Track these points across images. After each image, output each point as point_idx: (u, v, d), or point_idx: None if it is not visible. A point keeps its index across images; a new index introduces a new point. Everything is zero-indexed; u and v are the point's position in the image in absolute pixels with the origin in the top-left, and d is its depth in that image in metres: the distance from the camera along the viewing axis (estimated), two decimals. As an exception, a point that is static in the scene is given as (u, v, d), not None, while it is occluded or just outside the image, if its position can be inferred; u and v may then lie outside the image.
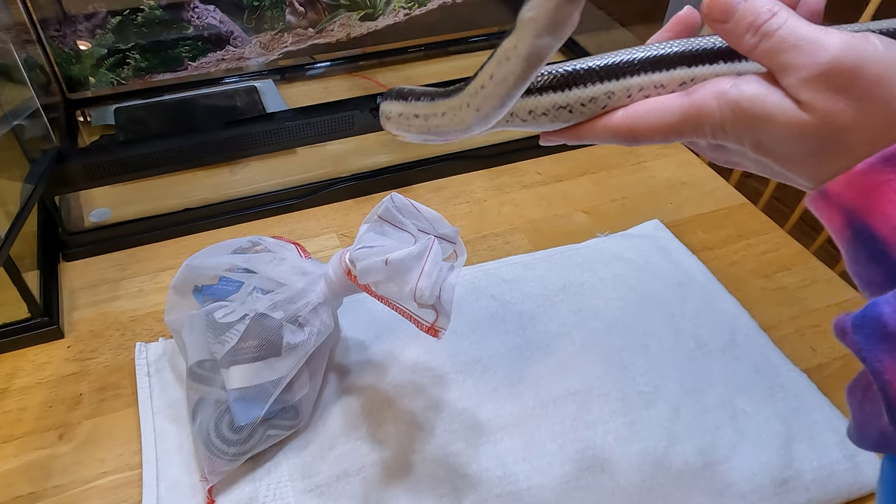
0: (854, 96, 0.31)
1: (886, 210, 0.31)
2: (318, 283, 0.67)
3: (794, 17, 0.33)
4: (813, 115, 0.32)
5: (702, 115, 0.35)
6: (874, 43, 0.31)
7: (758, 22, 0.34)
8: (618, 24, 1.24)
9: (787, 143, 0.33)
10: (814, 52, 0.32)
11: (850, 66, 0.31)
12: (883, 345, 0.30)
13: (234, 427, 0.63)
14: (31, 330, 0.77)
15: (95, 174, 0.85)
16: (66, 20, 1.00)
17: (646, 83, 0.38)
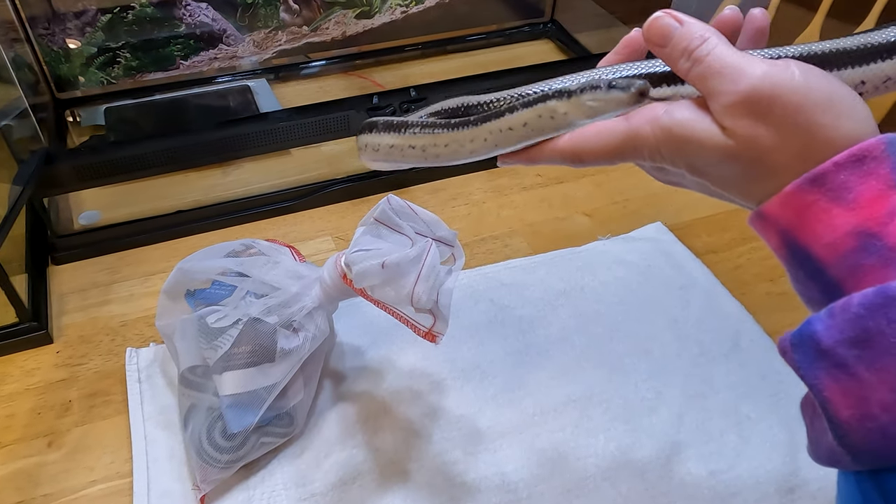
0: (772, 122, 0.33)
1: (817, 229, 0.33)
2: (313, 287, 0.66)
3: (724, 44, 0.35)
4: (736, 140, 0.34)
5: (638, 140, 0.37)
6: (793, 72, 0.33)
7: (690, 47, 0.35)
8: (620, 21, 1.23)
9: (717, 167, 0.35)
10: (735, 80, 0.34)
11: (768, 94, 0.33)
12: (819, 362, 0.32)
13: (227, 434, 0.62)
14: (20, 335, 0.76)
15: (85, 175, 0.84)
16: (55, 18, 0.99)
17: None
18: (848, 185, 0.32)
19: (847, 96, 0.34)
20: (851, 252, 0.32)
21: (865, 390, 0.31)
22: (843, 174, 0.32)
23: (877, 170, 0.32)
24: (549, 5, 1.36)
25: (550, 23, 1.38)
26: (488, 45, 1.33)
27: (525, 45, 1.36)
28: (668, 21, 0.36)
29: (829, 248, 0.33)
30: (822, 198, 0.33)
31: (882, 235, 0.32)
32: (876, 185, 0.32)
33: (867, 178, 0.32)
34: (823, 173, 0.33)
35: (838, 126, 0.33)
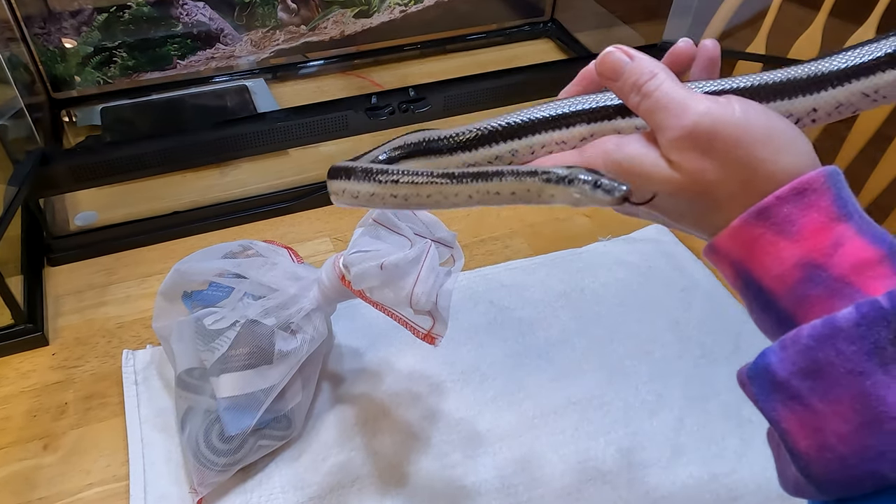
0: (715, 157, 0.34)
1: (766, 262, 0.34)
2: (311, 289, 0.65)
3: (671, 80, 0.36)
4: (682, 174, 0.35)
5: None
6: (733, 107, 0.34)
7: (639, 82, 0.36)
8: (620, 21, 1.23)
9: (667, 200, 0.37)
10: (679, 115, 0.35)
11: (708, 130, 0.34)
12: (775, 394, 0.33)
13: (225, 437, 0.61)
14: (15, 337, 0.76)
15: (81, 176, 0.83)
16: (50, 17, 0.98)
17: (547, 140, 0.41)
18: (791, 218, 0.33)
19: (786, 131, 0.35)
20: (799, 283, 0.33)
21: (821, 421, 0.31)
22: (786, 207, 0.33)
23: (818, 202, 0.33)
24: (549, 4, 1.36)
25: (550, 22, 1.37)
26: (488, 45, 1.33)
27: (525, 44, 1.36)
28: (620, 56, 0.37)
29: (777, 279, 0.34)
30: (767, 231, 0.34)
31: (827, 266, 0.32)
32: (818, 217, 0.33)
33: (809, 211, 0.33)
34: (767, 207, 0.34)
35: (777, 160, 0.34)
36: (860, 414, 0.30)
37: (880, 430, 0.30)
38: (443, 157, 0.44)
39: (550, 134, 0.41)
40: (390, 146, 0.46)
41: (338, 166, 0.43)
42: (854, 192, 0.35)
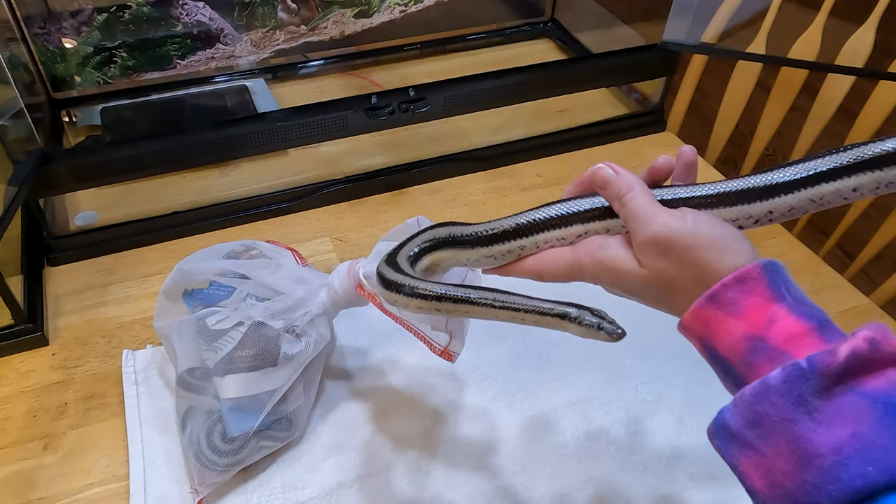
0: (672, 258, 0.43)
1: (720, 336, 0.41)
2: (319, 294, 0.66)
3: (643, 194, 0.45)
4: (649, 271, 0.44)
5: (581, 269, 0.48)
6: (686, 220, 0.43)
7: (620, 194, 0.46)
8: (620, 21, 1.23)
9: (641, 290, 0.46)
10: (645, 225, 0.44)
11: (666, 238, 0.43)
12: (732, 444, 0.39)
13: (227, 438, 0.62)
14: (15, 337, 0.76)
15: (81, 176, 0.83)
16: (50, 17, 0.98)
17: (549, 238, 0.50)
18: (736, 301, 0.41)
19: (726, 235, 0.43)
20: (746, 352, 0.40)
21: (768, 462, 0.37)
22: (730, 293, 0.41)
23: (755, 288, 0.41)
24: (549, 4, 1.36)
25: (550, 22, 1.37)
26: (488, 45, 1.33)
27: (525, 44, 1.35)
28: (608, 171, 0.47)
29: (730, 350, 0.41)
30: (718, 312, 0.41)
31: (766, 338, 0.40)
32: (756, 299, 0.41)
33: (749, 295, 0.41)
34: (716, 293, 0.42)
35: (720, 260, 0.42)
36: (795, 454, 0.36)
37: (812, 466, 0.36)
38: (465, 250, 0.52)
39: (552, 232, 0.50)
40: (421, 240, 0.54)
41: (389, 279, 0.50)
42: None
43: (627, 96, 1.19)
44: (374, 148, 1.04)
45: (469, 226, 0.53)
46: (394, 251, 0.53)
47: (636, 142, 1.11)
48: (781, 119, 1.14)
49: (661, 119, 1.13)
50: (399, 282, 0.49)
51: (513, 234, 0.50)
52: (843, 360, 0.37)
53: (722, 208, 0.47)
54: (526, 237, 0.50)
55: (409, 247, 0.53)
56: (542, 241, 0.50)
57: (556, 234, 0.50)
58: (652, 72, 1.09)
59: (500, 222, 0.51)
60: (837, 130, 1.08)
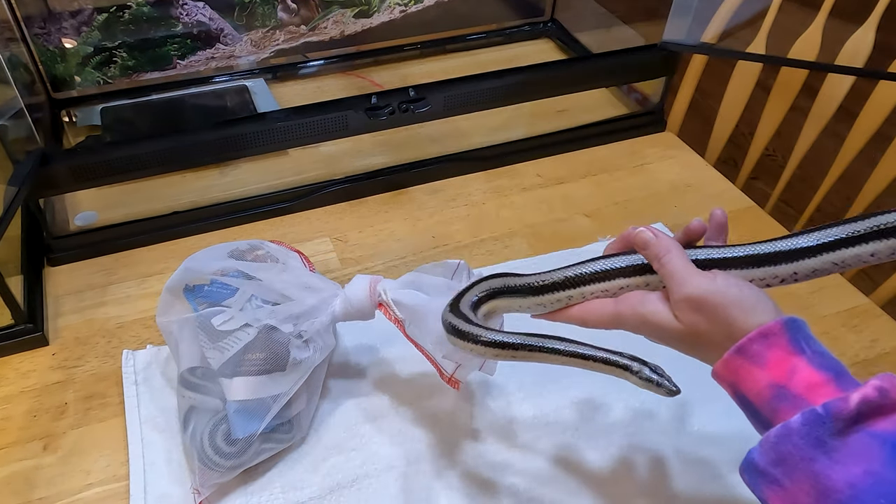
0: (704, 315, 0.49)
1: (748, 384, 0.47)
2: (331, 304, 0.66)
3: (679, 257, 0.51)
4: (684, 325, 0.50)
5: (622, 320, 0.54)
6: (717, 281, 0.49)
7: (659, 255, 0.52)
8: (621, 21, 1.23)
9: (677, 341, 0.52)
10: (681, 285, 0.50)
11: (698, 297, 0.49)
12: (760, 479, 0.45)
13: (230, 440, 0.61)
14: (15, 337, 0.76)
15: (81, 176, 0.83)
16: (50, 17, 0.98)
17: (595, 290, 0.56)
18: (761, 354, 0.47)
19: (752, 297, 0.49)
20: (771, 399, 0.46)
21: (792, 497, 0.43)
22: (755, 346, 0.47)
23: (777, 342, 0.46)
24: (550, 4, 1.36)
25: (550, 22, 1.37)
26: (488, 45, 1.33)
27: (525, 44, 1.35)
28: (648, 235, 0.53)
29: (757, 396, 0.47)
30: (745, 362, 0.47)
31: (788, 387, 0.45)
32: (779, 352, 0.46)
33: (772, 348, 0.46)
34: (742, 346, 0.47)
35: (746, 318, 0.48)
36: (815, 488, 0.41)
37: (830, 499, 0.41)
38: (518, 299, 0.58)
39: (598, 285, 0.56)
40: (478, 290, 0.58)
41: (464, 331, 0.54)
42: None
43: (627, 96, 1.19)
44: (374, 148, 1.04)
45: (522, 276, 0.58)
46: (455, 301, 0.58)
47: (636, 142, 1.11)
48: (781, 119, 1.14)
49: (661, 119, 1.13)
50: (475, 333, 0.54)
51: (562, 285, 0.56)
52: (854, 406, 0.42)
53: (751, 269, 0.52)
54: (573, 288, 0.56)
55: (468, 297, 0.58)
56: (587, 293, 0.56)
57: (601, 287, 0.56)
58: (652, 72, 1.09)
59: (550, 275, 0.57)
60: (837, 130, 1.08)
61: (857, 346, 0.79)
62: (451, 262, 0.63)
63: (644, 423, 0.70)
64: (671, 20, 1.03)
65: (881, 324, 0.82)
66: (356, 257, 0.89)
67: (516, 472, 0.66)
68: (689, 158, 1.09)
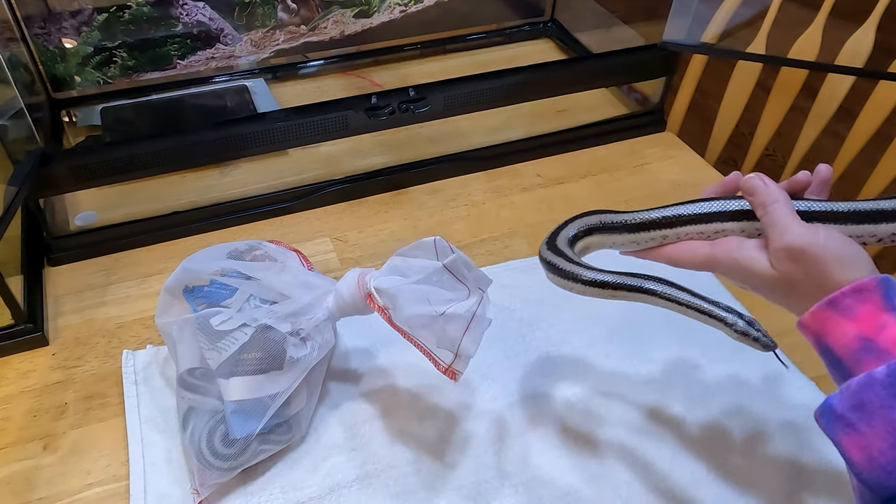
0: (801, 265, 0.51)
1: (835, 335, 0.49)
2: (326, 300, 0.66)
3: (785, 206, 0.52)
4: (779, 273, 0.52)
5: (717, 262, 0.56)
6: (818, 234, 0.50)
7: (765, 203, 0.53)
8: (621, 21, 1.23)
9: (768, 289, 0.54)
10: (782, 234, 0.51)
11: (799, 248, 0.50)
12: (837, 423, 0.46)
13: (228, 440, 0.61)
14: (15, 337, 0.76)
15: (81, 176, 0.83)
16: (50, 17, 0.98)
17: (690, 231, 0.57)
18: (852, 307, 0.48)
19: (852, 254, 0.50)
20: (857, 350, 0.47)
21: (867, 441, 0.44)
22: (847, 300, 0.48)
23: (871, 297, 0.48)
24: (549, 4, 1.36)
25: (550, 22, 1.37)
26: (488, 45, 1.33)
27: (525, 44, 1.35)
28: (757, 182, 0.54)
29: (843, 348, 0.48)
30: (835, 315, 0.49)
31: (876, 340, 0.47)
32: (870, 308, 0.48)
33: (865, 303, 0.48)
34: (835, 299, 0.49)
35: (842, 272, 0.49)
36: (891, 434, 0.43)
37: None
38: (613, 235, 0.59)
39: (693, 227, 0.57)
40: (576, 226, 0.60)
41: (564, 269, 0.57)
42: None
43: (627, 96, 1.19)
44: (374, 148, 1.04)
45: (619, 213, 0.59)
46: (552, 237, 0.60)
47: (636, 142, 1.11)
48: (781, 119, 1.14)
49: (661, 119, 1.13)
50: (575, 273, 0.56)
51: (658, 224, 0.57)
52: None
53: (851, 225, 0.53)
54: (669, 228, 0.57)
55: (564, 232, 0.60)
56: (682, 234, 0.57)
57: (697, 229, 0.57)
58: (652, 72, 1.09)
59: (647, 213, 0.58)
60: (837, 130, 1.08)
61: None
62: (427, 240, 0.62)
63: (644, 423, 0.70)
64: (671, 20, 1.02)
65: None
66: (356, 257, 0.89)
67: (516, 472, 0.66)
68: (689, 158, 1.09)
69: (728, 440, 0.69)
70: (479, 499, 0.64)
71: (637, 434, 0.69)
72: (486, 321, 0.60)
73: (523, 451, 0.68)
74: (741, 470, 0.66)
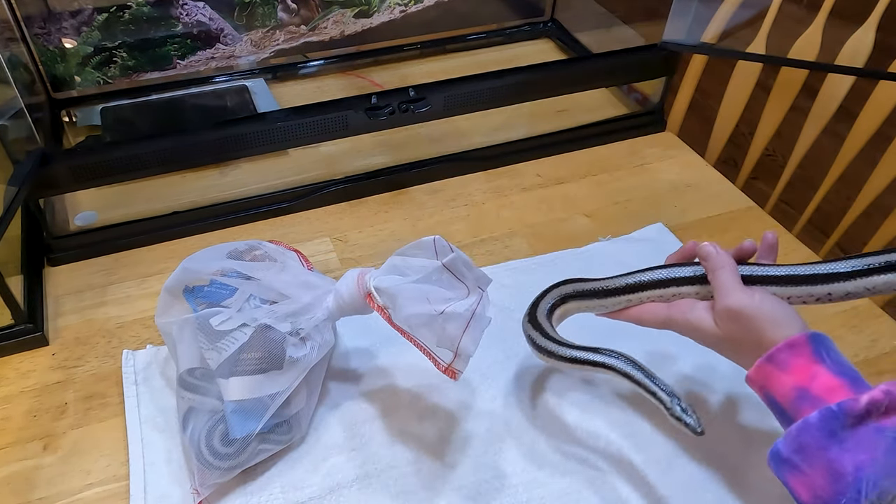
0: (740, 325, 0.57)
1: (776, 387, 0.54)
2: (326, 300, 0.66)
3: (731, 273, 0.59)
4: (723, 331, 0.58)
5: (672, 322, 0.63)
6: (755, 297, 0.57)
7: (714, 267, 0.60)
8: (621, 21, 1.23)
9: (716, 345, 0.60)
10: (724, 297, 0.58)
11: (737, 309, 0.57)
12: (783, 466, 0.52)
13: (227, 440, 0.61)
14: (15, 337, 0.76)
15: (81, 176, 0.83)
16: (50, 17, 0.98)
17: (651, 295, 0.64)
18: (787, 361, 0.54)
19: (784, 314, 0.56)
20: (795, 399, 0.53)
21: (810, 479, 0.50)
22: (782, 355, 0.54)
23: (802, 352, 0.54)
24: (549, 4, 1.36)
25: (550, 22, 1.37)
26: (488, 45, 1.33)
27: (525, 44, 1.35)
28: (710, 249, 0.61)
29: (783, 397, 0.54)
30: (774, 369, 0.54)
31: (810, 389, 0.52)
32: (803, 360, 0.53)
33: (797, 357, 0.54)
34: (772, 354, 0.55)
35: (775, 331, 0.55)
36: (829, 472, 0.49)
37: (841, 481, 0.48)
38: (586, 301, 0.67)
39: (653, 291, 0.64)
40: (552, 297, 0.68)
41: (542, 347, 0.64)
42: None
43: (627, 96, 1.19)
44: (374, 148, 1.04)
45: (590, 281, 0.67)
46: (531, 309, 0.67)
47: (636, 142, 1.11)
48: (781, 119, 1.14)
49: (661, 119, 1.13)
50: (550, 350, 0.63)
51: (623, 290, 0.65)
52: (864, 405, 0.48)
53: (790, 287, 0.59)
54: (633, 293, 0.65)
55: (543, 304, 0.67)
56: (644, 298, 0.64)
57: (656, 293, 0.64)
58: (652, 72, 1.09)
59: (614, 281, 0.66)
60: (837, 130, 1.08)
61: (856, 346, 0.79)
62: (426, 239, 0.62)
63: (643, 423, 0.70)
64: (671, 20, 1.02)
65: (881, 324, 0.81)
66: (356, 257, 0.89)
67: (516, 472, 0.66)
68: (689, 158, 1.09)
69: (726, 442, 0.69)
70: (479, 499, 0.64)
71: (636, 434, 0.69)
72: (485, 320, 0.60)
73: (523, 451, 0.68)
74: (739, 477, 0.66)
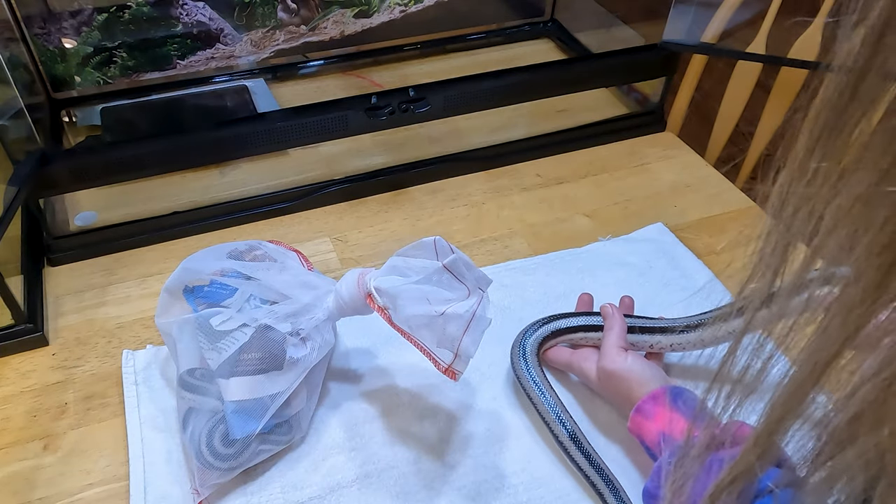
0: (611, 383, 0.67)
1: (646, 433, 0.62)
2: (326, 300, 0.66)
3: (616, 335, 0.69)
4: (602, 385, 0.69)
5: (571, 367, 0.73)
6: (627, 360, 0.66)
7: (606, 328, 0.70)
8: (621, 21, 1.22)
9: (601, 393, 0.71)
10: (602, 357, 0.68)
11: (610, 371, 0.67)
12: (653, 501, 0.59)
13: (228, 441, 0.61)
14: (15, 337, 0.76)
15: (81, 176, 0.83)
16: (50, 17, 0.98)
17: (559, 341, 0.74)
18: (651, 411, 0.62)
19: (649, 374, 0.65)
20: (659, 442, 0.60)
21: None
22: (648, 405, 0.62)
23: (662, 401, 0.62)
24: (549, 4, 1.36)
25: (550, 22, 1.37)
26: (488, 45, 1.33)
27: (525, 44, 1.35)
28: (609, 310, 0.71)
29: (652, 442, 0.61)
30: (644, 419, 0.62)
31: (670, 432, 0.60)
32: (663, 409, 0.62)
33: (659, 406, 0.62)
34: (640, 406, 0.63)
35: (640, 388, 0.64)
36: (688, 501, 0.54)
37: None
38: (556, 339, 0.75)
39: (565, 336, 0.74)
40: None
41: (522, 385, 0.71)
42: None
43: (627, 96, 1.19)
44: (374, 148, 1.04)
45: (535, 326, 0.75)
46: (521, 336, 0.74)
47: (636, 142, 1.11)
48: (781, 119, 1.14)
49: (661, 119, 1.13)
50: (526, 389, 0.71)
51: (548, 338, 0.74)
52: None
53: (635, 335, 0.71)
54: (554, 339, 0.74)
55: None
56: (560, 342, 0.74)
57: (563, 339, 0.74)
58: (652, 72, 1.09)
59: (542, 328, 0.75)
60: (837, 130, 1.08)
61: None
62: (426, 240, 0.62)
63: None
64: (671, 20, 1.02)
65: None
66: (356, 257, 0.89)
67: (517, 473, 0.66)
68: (689, 158, 1.09)
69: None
70: (479, 499, 0.64)
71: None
72: (486, 321, 0.60)
73: (523, 451, 0.68)
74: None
